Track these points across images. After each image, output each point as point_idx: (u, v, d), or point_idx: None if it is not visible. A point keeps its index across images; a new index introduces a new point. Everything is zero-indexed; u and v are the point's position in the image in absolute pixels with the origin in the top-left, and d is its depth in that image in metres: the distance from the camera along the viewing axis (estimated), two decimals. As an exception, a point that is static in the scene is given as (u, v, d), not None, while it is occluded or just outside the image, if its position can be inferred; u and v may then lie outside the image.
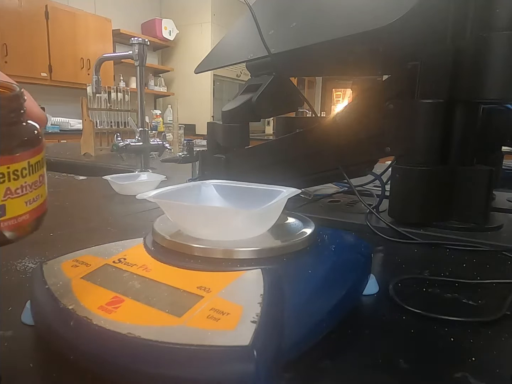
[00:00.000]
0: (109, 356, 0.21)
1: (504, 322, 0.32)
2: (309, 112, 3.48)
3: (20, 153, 0.21)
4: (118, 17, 3.79)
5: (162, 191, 0.33)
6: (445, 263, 0.46)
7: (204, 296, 0.24)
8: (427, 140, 0.56)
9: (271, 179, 0.39)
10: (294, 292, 0.26)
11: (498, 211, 0.67)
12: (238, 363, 0.20)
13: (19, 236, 0.22)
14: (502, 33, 0.50)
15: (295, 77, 3.33)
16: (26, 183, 0.21)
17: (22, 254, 0.44)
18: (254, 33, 0.62)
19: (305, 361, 0.25)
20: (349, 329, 0.30)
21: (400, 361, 0.26)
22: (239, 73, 4.42)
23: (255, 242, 0.30)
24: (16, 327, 0.29)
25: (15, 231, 0.22)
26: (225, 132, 0.74)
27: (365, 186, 0.75)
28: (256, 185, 0.37)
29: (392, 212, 0.60)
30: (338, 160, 0.64)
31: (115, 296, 0.25)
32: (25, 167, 0.21)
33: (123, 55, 1.16)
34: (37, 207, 0.23)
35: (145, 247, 0.32)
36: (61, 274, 0.28)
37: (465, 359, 0.27)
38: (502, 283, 0.40)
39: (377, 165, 0.67)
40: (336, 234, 0.37)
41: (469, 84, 0.52)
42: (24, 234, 0.23)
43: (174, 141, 1.62)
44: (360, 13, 0.56)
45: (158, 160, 1.21)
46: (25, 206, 0.22)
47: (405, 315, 0.33)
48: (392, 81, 0.61)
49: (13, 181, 0.21)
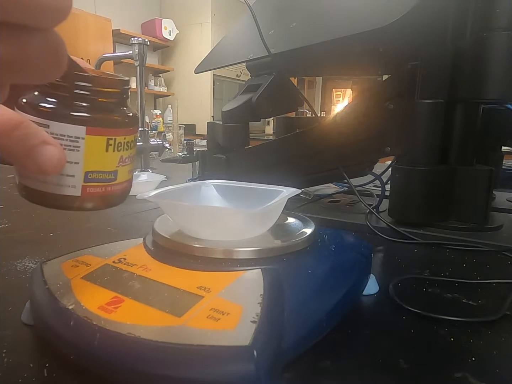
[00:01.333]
0: (109, 356, 0.21)
1: (504, 322, 0.32)
2: (309, 112, 3.48)
3: (132, 128, 0.25)
4: (118, 17, 3.79)
5: (162, 191, 0.33)
6: (445, 263, 0.46)
7: (204, 296, 0.24)
8: (427, 140, 0.56)
9: (271, 179, 0.39)
10: (294, 292, 0.26)
11: (498, 211, 0.67)
12: (238, 363, 0.20)
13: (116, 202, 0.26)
14: (502, 33, 0.50)
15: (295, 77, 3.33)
16: (131, 154, 0.26)
17: (22, 254, 0.44)
18: (254, 33, 0.63)
19: (305, 361, 0.25)
20: (349, 329, 0.30)
21: (400, 361, 0.26)
22: (239, 73, 4.41)
23: (255, 242, 0.30)
24: (16, 327, 0.29)
25: (119, 196, 0.25)
26: (225, 132, 0.74)
27: (365, 186, 0.75)
28: (256, 185, 0.37)
29: (392, 212, 0.60)
30: (338, 160, 0.64)
31: (115, 296, 0.25)
32: (133, 140, 0.25)
33: (123, 55, 1.16)
34: (131, 178, 0.27)
35: (145, 247, 0.32)
36: (61, 274, 0.28)
37: (465, 359, 0.27)
38: (502, 283, 0.40)
39: (377, 165, 0.67)
40: (336, 234, 0.37)
41: (469, 84, 0.52)
42: (119, 201, 0.26)
43: (174, 141, 1.62)
44: (360, 13, 0.56)
45: (158, 160, 1.21)
46: (128, 174, 0.26)
47: (405, 315, 0.33)
48: (392, 81, 0.61)
49: (125, 150, 0.25)
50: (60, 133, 0.22)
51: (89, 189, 0.23)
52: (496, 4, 0.50)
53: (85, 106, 0.22)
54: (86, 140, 0.22)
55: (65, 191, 0.23)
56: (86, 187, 0.23)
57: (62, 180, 0.23)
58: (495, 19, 0.50)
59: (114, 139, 0.24)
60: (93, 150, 0.23)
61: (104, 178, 0.24)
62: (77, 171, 0.23)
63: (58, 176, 0.22)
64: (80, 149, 0.22)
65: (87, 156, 0.23)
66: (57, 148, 0.20)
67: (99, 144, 0.23)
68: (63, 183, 0.23)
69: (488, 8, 0.51)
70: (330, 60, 0.75)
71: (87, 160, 0.23)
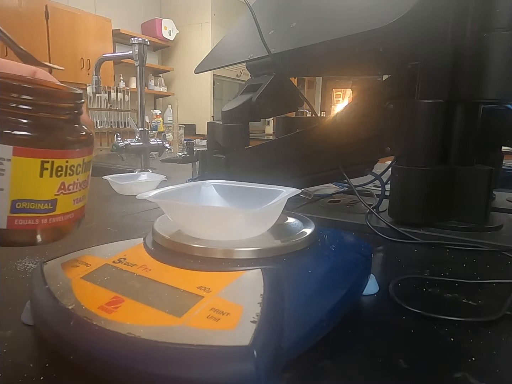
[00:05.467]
0: (109, 356, 0.21)
1: (504, 322, 0.32)
2: (309, 112, 3.48)
3: (78, 149, 0.21)
4: (118, 17, 3.79)
5: (162, 191, 0.33)
6: (445, 263, 0.46)
7: (204, 296, 0.24)
8: (427, 140, 0.56)
9: (271, 179, 0.39)
10: (294, 292, 0.26)
11: (498, 211, 0.67)
12: (238, 363, 0.20)
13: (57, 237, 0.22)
14: (502, 33, 0.50)
15: (295, 77, 3.33)
16: (78, 180, 0.22)
17: (22, 254, 0.44)
18: (254, 33, 0.62)
19: (305, 361, 0.25)
20: (349, 329, 0.30)
21: (400, 361, 0.26)
22: (239, 73, 4.41)
23: (255, 242, 0.30)
24: (16, 327, 0.29)
25: (61, 229, 0.22)
26: (225, 132, 0.74)
27: (365, 186, 0.75)
28: (256, 185, 0.37)
29: (392, 212, 0.60)
30: (338, 160, 0.64)
31: (115, 296, 0.25)
32: (80, 163, 0.22)
33: (123, 55, 1.16)
34: (80, 208, 0.23)
35: (145, 247, 0.32)
36: (61, 274, 0.28)
37: (465, 359, 0.27)
38: (502, 283, 0.40)
39: (377, 165, 0.67)
40: (336, 234, 0.37)
41: (469, 84, 0.52)
42: (62, 235, 0.23)
43: (174, 141, 1.62)
44: (360, 13, 0.56)
45: (158, 160, 1.21)
46: (73, 205, 0.22)
47: (405, 315, 0.33)
48: (392, 81, 0.61)
49: (68, 176, 0.21)
50: None
51: (18, 221, 0.20)
52: (496, 4, 0.50)
53: (20, 122, 0.19)
54: (12, 162, 0.19)
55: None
56: (13, 219, 0.20)
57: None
58: (495, 19, 0.50)
59: (51, 162, 0.20)
60: (22, 175, 0.19)
61: (37, 209, 0.20)
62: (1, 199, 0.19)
63: None
64: (4, 172, 0.19)
65: (15, 181, 0.19)
66: None
67: (31, 167, 0.19)
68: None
69: (488, 8, 0.51)
70: (330, 60, 0.75)
71: (14, 186, 0.19)
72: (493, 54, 0.50)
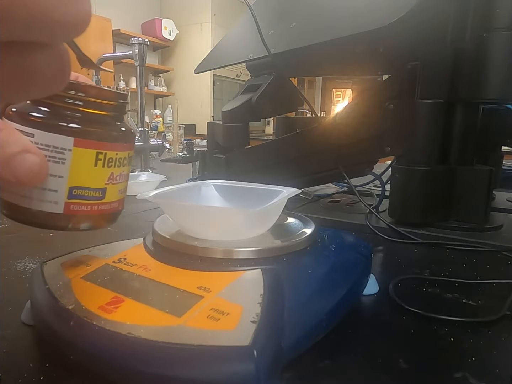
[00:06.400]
0: (109, 356, 0.21)
1: (504, 322, 0.32)
2: (309, 112, 3.48)
3: (125, 144, 0.23)
4: (118, 17, 3.78)
5: (162, 191, 0.33)
6: (445, 263, 0.46)
7: (204, 296, 0.24)
8: (427, 140, 0.56)
9: (271, 179, 0.39)
10: (294, 292, 0.26)
11: (498, 211, 0.67)
12: (238, 363, 0.20)
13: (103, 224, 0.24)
14: (502, 33, 0.50)
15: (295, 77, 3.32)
16: (123, 172, 0.24)
17: (22, 254, 0.44)
18: (254, 33, 0.63)
19: (305, 361, 0.25)
20: (349, 329, 0.30)
21: (400, 361, 0.26)
22: (239, 73, 4.41)
23: (255, 242, 0.30)
24: (16, 327, 0.29)
25: (106, 217, 0.24)
26: (225, 132, 0.74)
27: (365, 186, 0.75)
28: (256, 185, 0.37)
29: (392, 212, 0.60)
30: (338, 160, 0.64)
31: (115, 296, 0.25)
32: (126, 157, 0.24)
33: (123, 55, 1.16)
34: (122, 199, 0.25)
35: (145, 247, 0.32)
36: (61, 274, 0.28)
37: (465, 359, 0.27)
38: (502, 283, 0.40)
39: (377, 165, 0.67)
40: (336, 234, 0.37)
41: (469, 84, 0.52)
42: (107, 223, 0.24)
43: (174, 141, 1.62)
44: (360, 13, 0.56)
45: (158, 160, 1.21)
46: (118, 195, 0.24)
47: (405, 315, 0.33)
48: (392, 81, 0.61)
49: (117, 167, 0.23)
50: (45, 143, 0.20)
51: (73, 207, 0.21)
52: (496, 4, 0.50)
53: (75, 116, 0.21)
54: (73, 152, 0.21)
55: (45, 207, 0.21)
56: (69, 204, 0.21)
57: (43, 194, 0.21)
58: (495, 19, 0.50)
59: (104, 153, 0.22)
60: (80, 164, 0.21)
61: (90, 196, 0.22)
62: (60, 185, 0.21)
63: (39, 190, 0.21)
64: (65, 161, 0.21)
65: (73, 170, 0.21)
66: (39, 157, 0.19)
67: (88, 157, 0.21)
68: (44, 198, 0.21)
69: (488, 8, 0.51)
70: (330, 60, 0.75)
71: (72, 174, 0.21)
72: (493, 54, 0.50)
